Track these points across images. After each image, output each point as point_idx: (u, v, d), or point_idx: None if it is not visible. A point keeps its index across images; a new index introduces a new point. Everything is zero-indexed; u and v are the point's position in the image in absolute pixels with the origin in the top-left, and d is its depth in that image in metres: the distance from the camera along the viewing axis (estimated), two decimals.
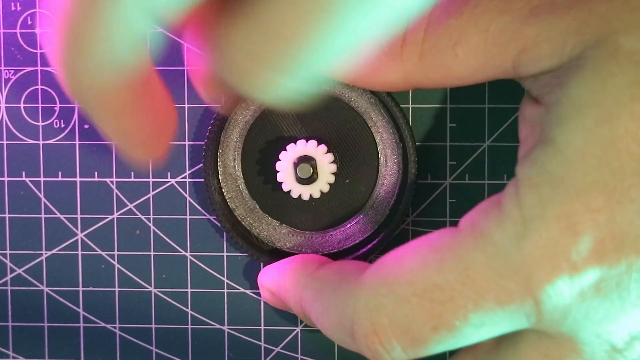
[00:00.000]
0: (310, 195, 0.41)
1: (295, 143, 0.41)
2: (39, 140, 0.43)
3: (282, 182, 0.41)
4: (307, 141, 0.41)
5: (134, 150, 0.33)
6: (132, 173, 0.43)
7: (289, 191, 0.41)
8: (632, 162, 0.30)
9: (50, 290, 0.44)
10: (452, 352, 0.41)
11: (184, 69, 0.42)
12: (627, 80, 0.31)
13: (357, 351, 0.35)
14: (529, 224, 0.31)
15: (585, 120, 0.31)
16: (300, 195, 0.41)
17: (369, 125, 0.41)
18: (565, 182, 0.31)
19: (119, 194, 0.43)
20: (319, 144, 0.41)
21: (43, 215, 0.43)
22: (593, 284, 0.31)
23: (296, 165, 0.41)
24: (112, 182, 0.43)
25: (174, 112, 0.34)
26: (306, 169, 0.41)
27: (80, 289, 0.43)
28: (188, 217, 0.43)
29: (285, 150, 0.41)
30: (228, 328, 0.43)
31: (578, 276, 0.31)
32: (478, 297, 0.32)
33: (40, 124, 0.43)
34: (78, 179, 0.43)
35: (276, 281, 0.40)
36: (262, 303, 0.43)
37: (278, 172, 0.41)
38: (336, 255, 0.42)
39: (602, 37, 0.32)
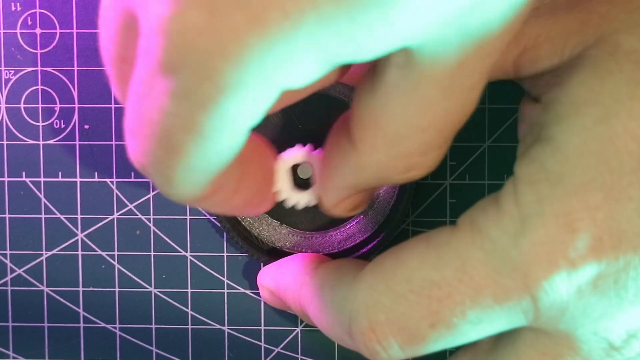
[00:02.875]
0: (308, 202, 0.40)
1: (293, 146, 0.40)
2: (39, 141, 0.43)
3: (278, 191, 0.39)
4: (303, 146, 0.41)
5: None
6: (132, 173, 0.43)
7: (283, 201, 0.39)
8: (630, 160, 0.30)
9: (50, 290, 0.44)
10: (452, 353, 0.41)
11: None
12: (626, 79, 0.31)
13: (355, 349, 0.35)
14: (527, 221, 0.31)
15: (584, 118, 0.31)
16: (295, 205, 0.40)
17: None
18: (564, 179, 0.31)
19: (119, 194, 0.43)
20: (315, 148, 0.41)
21: (43, 216, 0.43)
22: (590, 280, 0.31)
23: (295, 167, 0.40)
24: (112, 182, 0.43)
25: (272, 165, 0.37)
26: (306, 169, 0.40)
27: (81, 289, 0.43)
28: (188, 217, 0.43)
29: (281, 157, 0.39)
30: (228, 328, 0.43)
31: (575, 272, 0.31)
32: (476, 293, 0.32)
33: (40, 124, 0.43)
34: (78, 179, 0.43)
35: (275, 280, 0.40)
36: (262, 303, 0.43)
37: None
38: (336, 256, 0.42)
39: (602, 37, 0.32)
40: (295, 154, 0.39)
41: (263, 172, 0.36)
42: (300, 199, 0.39)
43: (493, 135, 0.42)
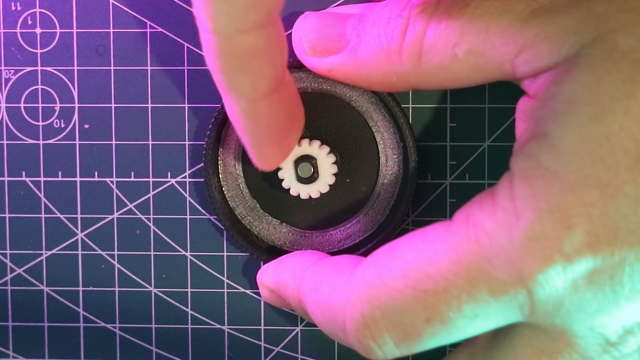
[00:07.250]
0: (309, 195, 0.41)
1: (299, 142, 0.41)
2: (39, 140, 0.43)
3: (282, 180, 0.41)
4: (310, 140, 0.41)
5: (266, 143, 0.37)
6: (132, 173, 0.43)
7: (289, 189, 0.41)
8: (626, 158, 0.30)
9: (50, 290, 0.44)
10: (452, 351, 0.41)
11: (184, 69, 0.42)
12: (622, 78, 0.31)
13: (350, 346, 0.35)
14: (522, 215, 0.31)
15: (580, 116, 0.31)
16: (299, 194, 0.41)
17: (370, 124, 0.42)
18: (559, 175, 0.31)
19: (119, 193, 0.43)
20: (322, 144, 0.41)
21: (43, 215, 0.43)
22: (586, 275, 0.31)
23: (297, 164, 0.41)
24: (112, 182, 0.43)
25: (302, 110, 0.39)
26: (307, 168, 0.41)
27: (80, 288, 0.44)
28: (188, 217, 0.43)
29: None
30: (228, 328, 0.43)
31: (571, 267, 0.31)
32: (472, 287, 0.32)
33: (40, 124, 0.43)
34: (78, 179, 0.43)
35: (275, 277, 0.40)
36: (262, 303, 0.43)
37: (279, 169, 0.41)
38: (336, 255, 0.42)
39: (600, 36, 0.32)
40: (301, 147, 0.41)
41: (294, 99, 0.38)
42: (302, 190, 0.41)
43: (493, 135, 0.42)
